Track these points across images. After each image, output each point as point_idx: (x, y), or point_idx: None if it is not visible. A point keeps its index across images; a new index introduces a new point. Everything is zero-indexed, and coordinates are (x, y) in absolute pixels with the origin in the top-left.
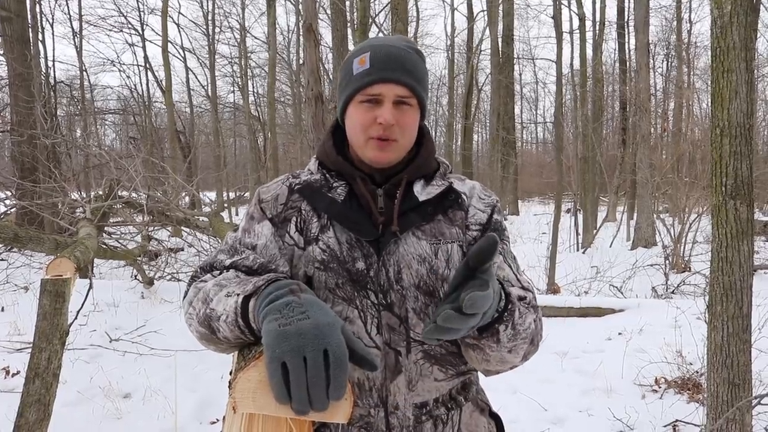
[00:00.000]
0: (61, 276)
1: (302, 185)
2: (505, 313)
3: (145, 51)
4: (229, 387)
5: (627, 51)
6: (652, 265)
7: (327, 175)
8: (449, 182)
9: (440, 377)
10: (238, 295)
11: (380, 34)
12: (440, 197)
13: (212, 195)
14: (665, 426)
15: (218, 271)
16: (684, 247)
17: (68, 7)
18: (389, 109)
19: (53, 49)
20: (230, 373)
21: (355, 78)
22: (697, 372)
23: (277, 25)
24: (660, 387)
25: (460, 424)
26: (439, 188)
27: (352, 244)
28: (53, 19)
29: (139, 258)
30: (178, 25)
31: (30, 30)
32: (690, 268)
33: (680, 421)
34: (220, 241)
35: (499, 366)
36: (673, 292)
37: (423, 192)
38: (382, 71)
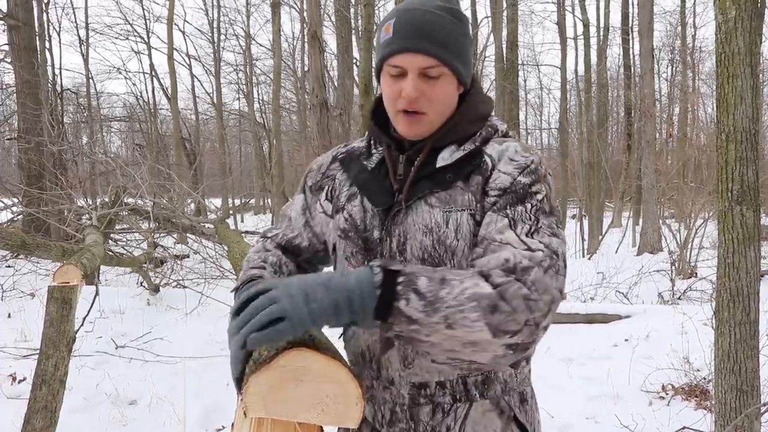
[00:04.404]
0: (68, 283)
1: (344, 154)
2: (398, 287)
3: (150, 59)
4: (239, 392)
5: (631, 56)
6: (658, 271)
7: (371, 142)
8: (476, 145)
9: (440, 359)
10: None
11: None
12: (460, 162)
13: (218, 202)
14: None
15: (264, 239)
16: (690, 253)
17: (75, 16)
18: (412, 82)
19: (60, 57)
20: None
21: (381, 47)
22: (705, 379)
23: (282, 33)
24: (667, 394)
25: (465, 420)
26: (463, 152)
27: (374, 212)
28: (60, 28)
29: (144, 265)
30: (183, 33)
31: (37, 38)
32: (696, 273)
33: (688, 428)
34: (225, 247)
35: (473, 352)
36: (679, 298)
37: (448, 158)
38: (403, 40)
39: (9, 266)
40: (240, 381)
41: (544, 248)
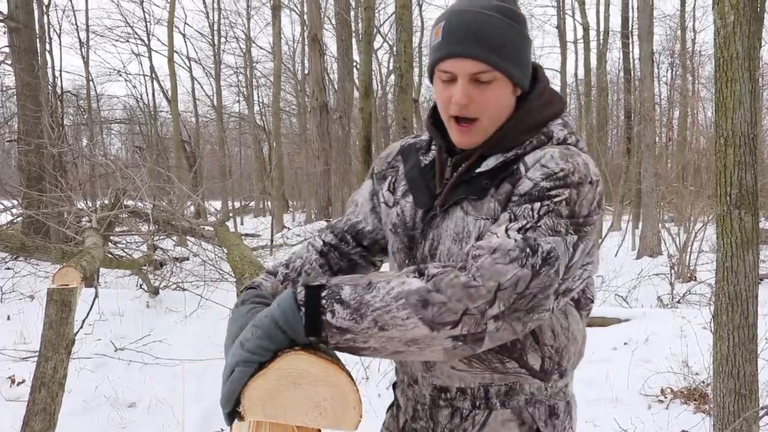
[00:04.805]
0: (68, 285)
1: (407, 146)
2: (322, 301)
3: (151, 61)
4: (229, 424)
5: (631, 60)
6: (657, 275)
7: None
8: (516, 153)
9: (460, 367)
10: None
11: (385, 44)
12: (498, 169)
13: (217, 204)
14: None
15: (321, 231)
16: (689, 257)
17: (75, 18)
18: (462, 87)
19: (60, 59)
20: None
21: (431, 52)
22: (704, 382)
23: (282, 35)
24: (666, 397)
25: (483, 427)
26: (503, 159)
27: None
28: (61, 30)
29: (144, 267)
30: (184, 36)
31: (38, 40)
32: (696, 277)
33: (687, 431)
34: (225, 250)
35: (420, 350)
36: (678, 302)
37: (490, 165)
38: (452, 45)
39: (8, 268)
40: (231, 416)
41: (521, 241)
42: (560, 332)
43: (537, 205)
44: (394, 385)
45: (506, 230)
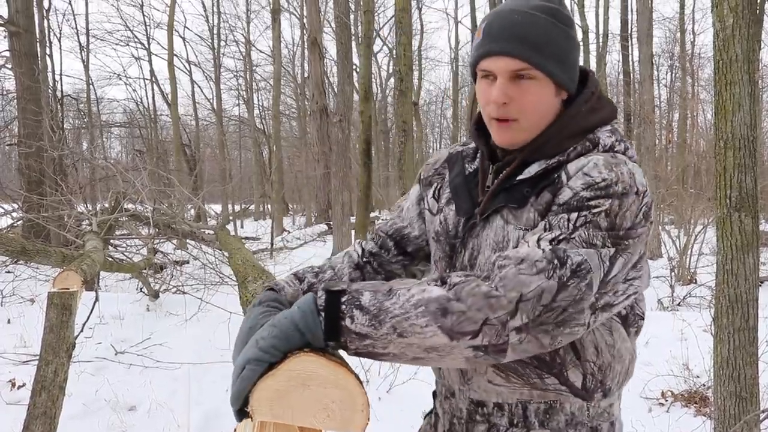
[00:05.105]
0: (68, 289)
1: (455, 153)
2: (342, 306)
3: (151, 65)
4: (238, 420)
5: (631, 63)
6: (657, 277)
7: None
8: (559, 160)
9: (497, 381)
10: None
11: (385, 48)
12: (540, 177)
13: (217, 208)
14: None
15: (365, 239)
16: (690, 259)
17: (76, 22)
18: (501, 86)
19: (60, 63)
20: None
21: (472, 51)
22: (704, 385)
23: (282, 39)
24: (666, 400)
25: None
26: (545, 166)
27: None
28: (61, 34)
29: (144, 271)
30: (183, 39)
31: (38, 44)
32: (696, 280)
33: None
34: (225, 253)
35: (440, 357)
36: (679, 305)
37: (532, 172)
38: (492, 43)
39: (9, 272)
40: (241, 414)
41: (549, 252)
42: (604, 349)
43: (574, 215)
44: (434, 394)
45: (538, 240)
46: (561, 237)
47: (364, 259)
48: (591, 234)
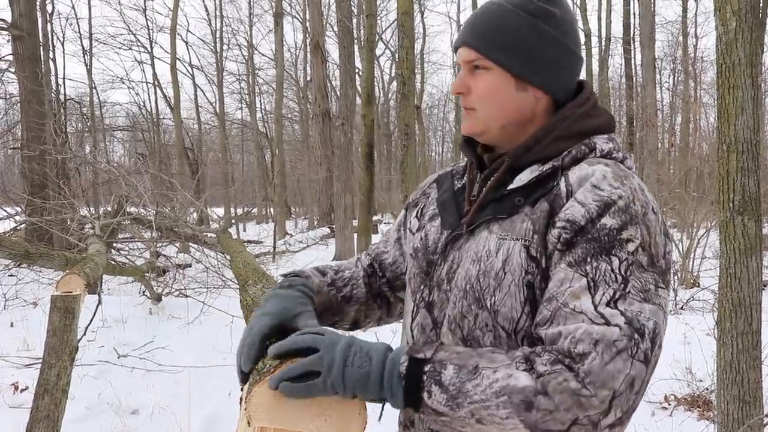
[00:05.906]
0: (71, 292)
1: (444, 173)
2: (423, 377)
3: (153, 68)
4: (241, 402)
5: (633, 66)
6: None
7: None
8: (554, 165)
9: None
10: None
11: (387, 51)
12: (534, 185)
13: (220, 211)
14: None
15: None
16: (693, 263)
17: (79, 26)
18: (460, 76)
19: (63, 67)
20: (241, 389)
21: None
22: (707, 389)
23: (284, 43)
24: (670, 404)
25: None
26: (539, 173)
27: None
28: (64, 38)
29: (147, 274)
30: (186, 43)
31: (41, 48)
32: (699, 283)
33: None
34: (228, 257)
35: None
36: (682, 308)
37: (525, 180)
38: (458, 35)
39: (12, 275)
40: (245, 375)
41: (624, 323)
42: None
43: (615, 261)
44: (398, 422)
45: (594, 307)
46: (617, 296)
47: (369, 271)
48: (642, 280)
